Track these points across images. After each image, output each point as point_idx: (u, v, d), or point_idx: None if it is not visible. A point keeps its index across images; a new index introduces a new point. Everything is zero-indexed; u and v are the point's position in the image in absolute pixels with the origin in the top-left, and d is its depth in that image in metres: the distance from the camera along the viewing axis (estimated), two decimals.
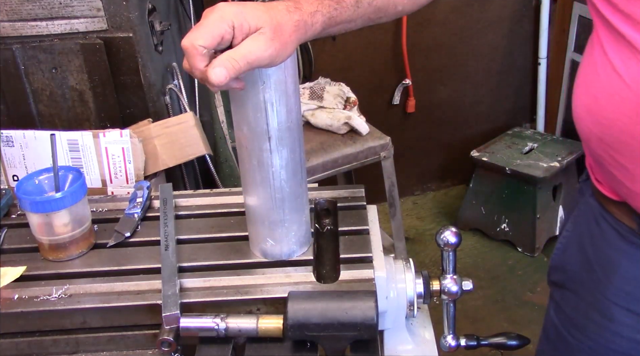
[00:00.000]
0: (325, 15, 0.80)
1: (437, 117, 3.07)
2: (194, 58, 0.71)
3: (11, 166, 1.23)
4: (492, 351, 2.19)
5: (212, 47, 0.72)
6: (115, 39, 1.39)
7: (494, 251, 2.81)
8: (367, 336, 0.79)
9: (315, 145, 2.20)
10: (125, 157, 1.22)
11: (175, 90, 1.56)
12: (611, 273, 1.02)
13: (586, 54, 0.96)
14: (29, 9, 1.35)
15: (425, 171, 3.21)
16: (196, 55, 0.71)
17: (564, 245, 1.14)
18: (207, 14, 0.73)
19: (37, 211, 0.92)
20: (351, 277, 0.88)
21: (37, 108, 1.44)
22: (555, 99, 3.06)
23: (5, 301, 0.86)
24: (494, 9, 2.91)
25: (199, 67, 0.72)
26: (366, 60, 2.81)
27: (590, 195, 1.06)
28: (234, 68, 0.71)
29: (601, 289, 1.04)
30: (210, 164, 1.67)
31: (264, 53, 0.72)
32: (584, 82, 0.95)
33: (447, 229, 0.92)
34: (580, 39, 2.78)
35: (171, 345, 0.81)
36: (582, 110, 0.95)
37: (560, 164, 2.66)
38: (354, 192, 1.08)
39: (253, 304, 0.86)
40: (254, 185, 0.88)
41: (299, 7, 0.77)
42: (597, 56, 0.91)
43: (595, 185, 1.03)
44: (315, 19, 0.79)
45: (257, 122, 0.82)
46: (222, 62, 0.70)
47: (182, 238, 0.99)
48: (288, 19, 0.75)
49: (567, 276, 1.13)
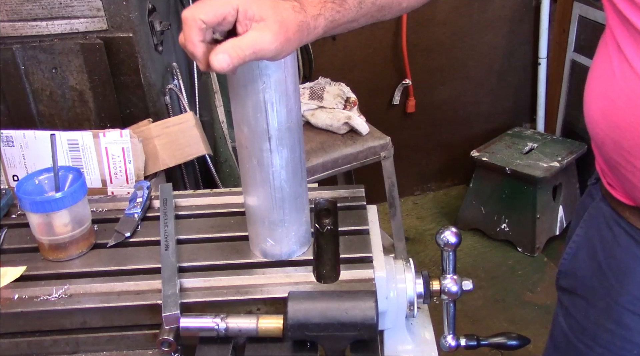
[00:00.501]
0: (327, 19, 0.80)
1: (437, 117, 3.07)
2: (191, 30, 0.70)
3: (11, 166, 1.23)
4: (492, 351, 2.19)
5: (211, 24, 0.70)
6: (115, 39, 1.39)
7: (494, 251, 2.81)
8: (367, 336, 0.79)
9: (315, 145, 2.20)
10: (125, 157, 1.22)
11: (175, 90, 1.56)
12: (624, 279, 1.00)
13: (599, 55, 0.93)
14: (29, 9, 1.35)
15: (425, 171, 3.21)
16: (194, 28, 0.70)
17: (574, 250, 1.12)
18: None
19: (37, 211, 0.92)
20: (351, 277, 0.88)
21: (37, 108, 1.44)
22: (555, 99, 3.06)
23: (5, 301, 0.86)
24: (494, 9, 2.91)
25: (193, 40, 0.70)
26: (366, 60, 2.81)
27: (601, 199, 1.04)
28: (239, 56, 0.70)
29: (613, 295, 1.02)
30: (210, 164, 1.67)
31: (270, 46, 0.71)
32: (598, 85, 0.92)
33: (447, 229, 0.92)
34: (580, 39, 2.78)
35: (171, 345, 0.81)
36: (596, 113, 0.92)
37: (560, 164, 2.66)
38: (354, 192, 1.08)
39: (253, 304, 0.86)
40: (254, 185, 0.88)
41: (303, 9, 0.76)
42: (613, 57, 0.88)
43: (608, 189, 1.01)
44: (317, 23, 0.78)
45: (257, 122, 0.82)
46: (227, 49, 0.69)
47: (182, 238, 0.99)
48: (293, 18, 0.74)
49: (578, 282, 1.10)
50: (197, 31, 0.70)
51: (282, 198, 0.88)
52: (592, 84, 0.94)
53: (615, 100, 0.88)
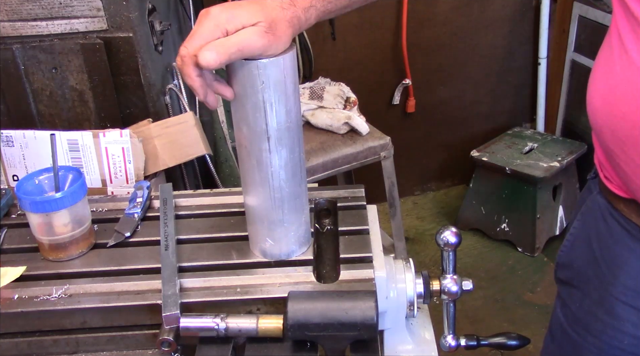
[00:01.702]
0: (319, 9, 0.83)
1: (437, 117, 3.07)
2: (189, 67, 0.75)
3: (11, 166, 1.23)
4: (492, 351, 2.19)
5: None
6: (115, 39, 1.39)
7: (494, 251, 2.81)
8: (367, 336, 0.79)
9: (315, 145, 2.20)
10: (125, 157, 1.22)
11: (175, 90, 1.56)
12: (617, 269, 1.02)
13: (604, 44, 0.95)
14: (29, 9, 1.35)
15: (425, 171, 3.21)
16: (189, 64, 0.74)
17: (571, 242, 1.14)
18: (201, 20, 0.76)
19: (37, 211, 0.92)
20: (351, 277, 0.88)
21: (37, 108, 1.44)
22: (555, 99, 3.06)
23: (5, 301, 0.86)
24: (494, 9, 2.91)
25: (191, 76, 0.75)
26: (366, 60, 2.81)
27: (598, 192, 1.06)
28: (225, 53, 0.73)
29: (606, 286, 1.04)
30: (210, 164, 1.67)
31: (256, 43, 0.75)
32: (600, 74, 0.94)
33: (447, 229, 0.92)
34: (580, 39, 2.78)
35: (171, 345, 0.81)
36: (597, 100, 0.94)
37: (560, 164, 2.66)
38: (354, 192, 1.08)
39: (253, 304, 0.86)
40: (254, 185, 0.88)
41: (293, 4, 0.80)
42: (614, 47, 0.90)
43: (604, 182, 1.02)
44: (309, 14, 0.82)
45: (256, 122, 0.82)
46: (214, 46, 0.73)
47: (182, 238, 0.99)
48: (283, 16, 0.78)
49: (574, 273, 1.13)
50: (194, 67, 0.75)
51: (282, 198, 0.88)
52: (595, 72, 0.95)
53: (614, 89, 0.89)
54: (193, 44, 0.74)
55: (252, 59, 0.77)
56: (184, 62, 0.75)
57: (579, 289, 1.11)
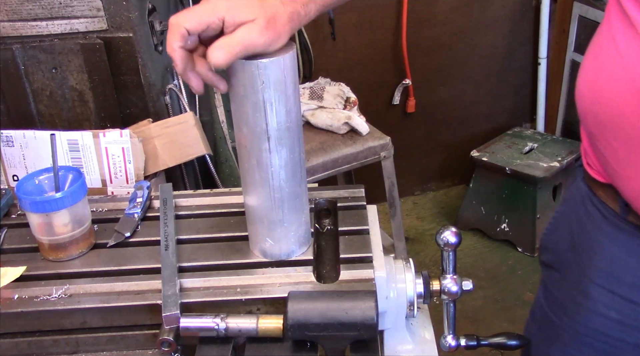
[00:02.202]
0: (318, 3, 0.84)
1: (437, 117, 3.07)
2: (173, 35, 0.75)
3: (11, 166, 1.23)
4: (492, 351, 2.19)
5: (194, 32, 0.75)
6: (115, 39, 1.39)
7: (494, 251, 2.81)
8: (367, 336, 0.79)
9: (315, 145, 2.20)
10: (125, 157, 1.22)
11: (175, 90, 1.56)
12: (593, 253, 1.04)
13: (597, 32, 0.97)
14: (29, 9, 1.35)
15: (425, 171, 3.21)
16: (175, 33, 0.75)
17: (553, 226, 1.17)
18: (202, 2, 0.76)
19: (37, 211, 0.92)
20: (351, 277, 0.88)
21: (37, 108, 1.44)
22: (555, 99, 3.06)
23: (5, 301, 0.86)
24: (494, 9, 2.91)
25: (173, 45, 0.75)
26: (366, 60, 2.81)
27: (582, 178, 1.08)
28: (232, 52, 0.74)
29: (582, 269, 1.06)
30: (210, 164, 1.67)
31: (258, 40, 0.76)
32: (589, 59, 0.96)
33: (447, 229, 0.92)
34: (580, 39, 2.79)
35: (171, 345, 0.81)
36: (584, 86, 0.96)
37: (560, 164, 2.66)
38: (354, 192, 1.08)
39: (253, 304, 0.86)
40: (254, 185, 0.88)
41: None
42: (604, 33, 0.92)
43: (587, 169, 1.05)
44: (308, 9, 0.83)
45: (256, 122, 0.82)
46: (221, 45, 0.74)
47: (182, 238, 0.99)
48: (282, 12, 0.79)
49: (554, 256, 1.15)
50: (179, 37, 0.75)
51: (282, 198, 0.88)
52: (586, 59, 0.98)
53: (599, 74, 0.91)
54: (185, 16, 0.75)
55: (252, 58, 0.77)
56: (170, 30, 0.75)
57: (559, 272, 1.13)
